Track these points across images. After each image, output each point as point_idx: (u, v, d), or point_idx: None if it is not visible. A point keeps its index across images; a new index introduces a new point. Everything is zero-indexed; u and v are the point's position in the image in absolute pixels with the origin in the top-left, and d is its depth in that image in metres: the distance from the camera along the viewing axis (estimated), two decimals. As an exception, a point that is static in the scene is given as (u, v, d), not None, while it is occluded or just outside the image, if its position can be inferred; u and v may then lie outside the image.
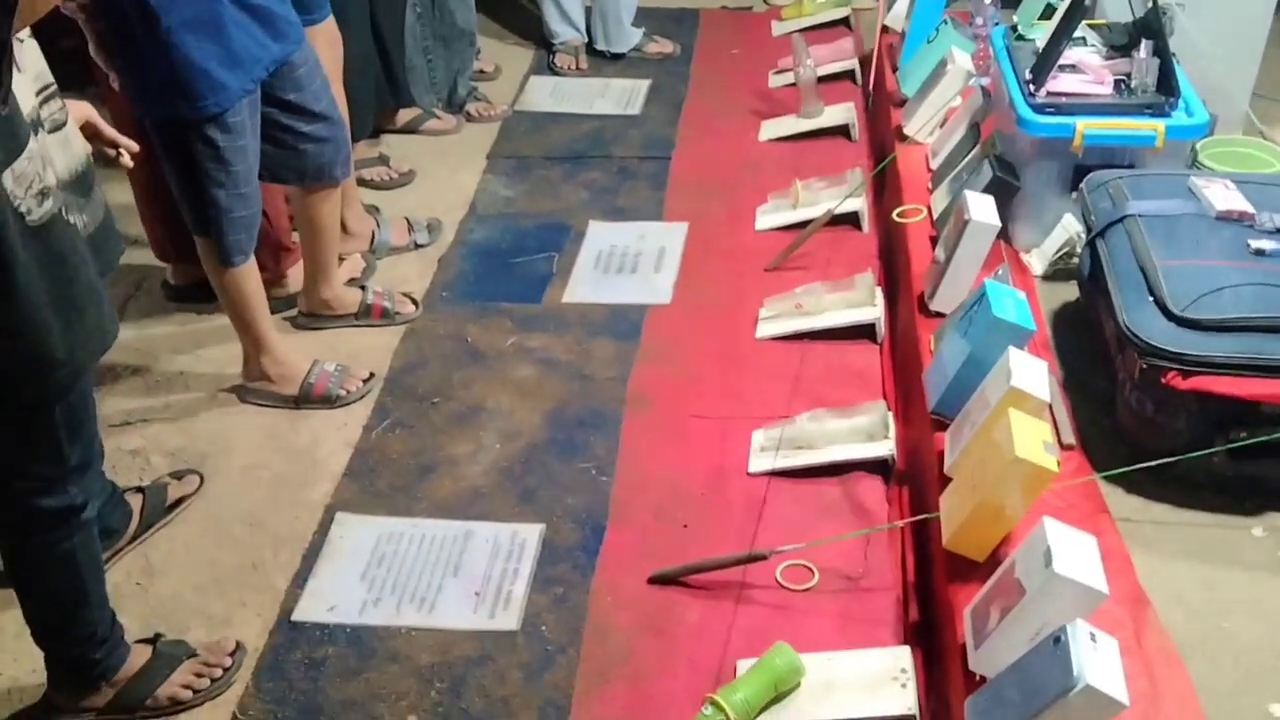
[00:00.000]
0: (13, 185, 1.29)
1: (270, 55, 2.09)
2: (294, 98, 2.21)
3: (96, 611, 1.66)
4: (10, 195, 1.28)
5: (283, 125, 2.23)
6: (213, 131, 2.04)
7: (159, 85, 1.94)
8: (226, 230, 2.16)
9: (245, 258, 2.22)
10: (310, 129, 2.27)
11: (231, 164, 2.09)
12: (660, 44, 3.85)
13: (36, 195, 1.32)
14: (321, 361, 2.41)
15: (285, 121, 2.23)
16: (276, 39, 2.09)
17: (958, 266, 2.19)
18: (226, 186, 2.11)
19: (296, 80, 2.19)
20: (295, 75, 2.19)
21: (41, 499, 1.52)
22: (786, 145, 3.26)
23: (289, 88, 2.19)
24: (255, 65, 2.06)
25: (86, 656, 1.67)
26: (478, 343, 2.55)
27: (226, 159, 2.08)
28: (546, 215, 3.03)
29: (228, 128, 2.05)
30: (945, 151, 2.68)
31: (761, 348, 2.46)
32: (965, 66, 2.75)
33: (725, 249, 2.85)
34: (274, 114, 2.19)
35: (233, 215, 2.15)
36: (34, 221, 1.32)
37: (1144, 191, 2.12)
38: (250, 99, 2.09)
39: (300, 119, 2.24)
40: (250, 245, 2.23)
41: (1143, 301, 1.89)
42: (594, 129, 3.45)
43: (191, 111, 1.99)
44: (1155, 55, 2.32)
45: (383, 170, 3.18)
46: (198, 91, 1.98)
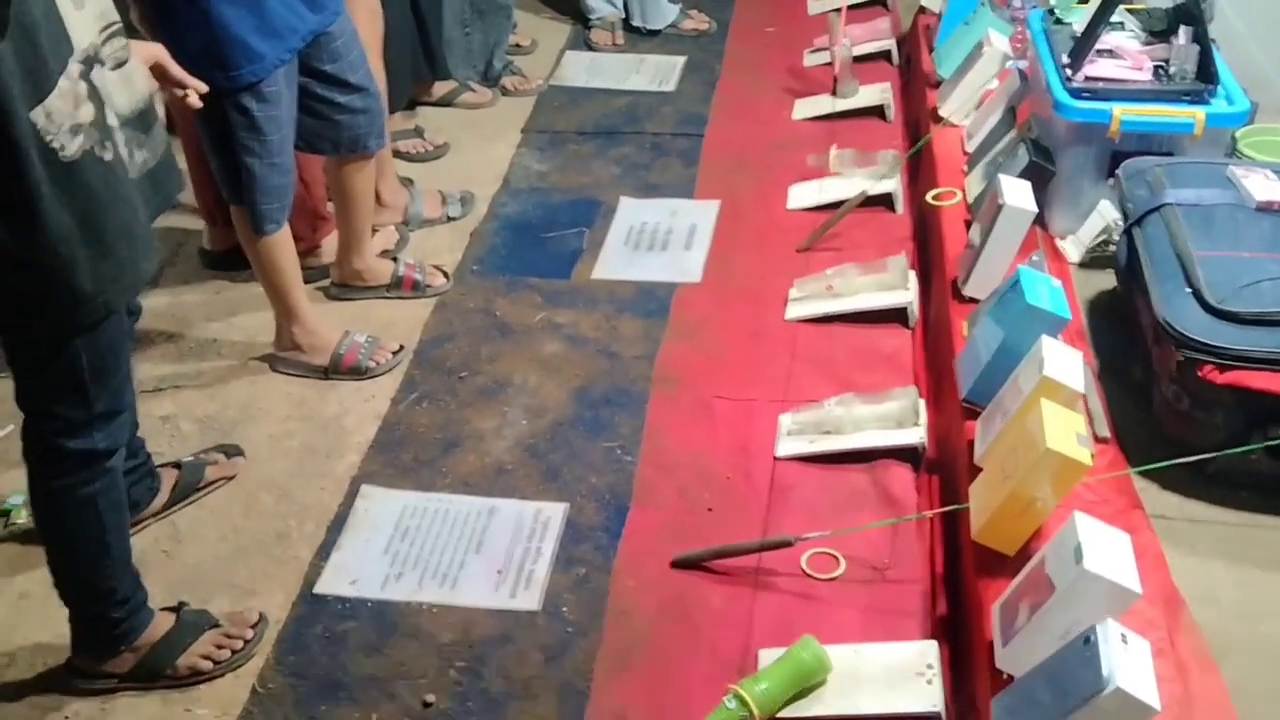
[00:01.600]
0: (44, 122, 1.30)
1: (308, 26, 2.08)
2: (331, 68, 2.21)
3: (118, 567, 1.67)
4: (42, 131, 1.30)
5: (319, 96, 2.23)
6: (248, 101, 2.04)
7: (196, 54, 1.95)
8: (259, 199, 2.17)
9: (278, 226, 2.23)
10: (346, 100, 2.27)
11: (266, 133, 2.09)
12: (696, 20, 3.81)
13: (70, 131, 1.33)
14: (352, 333, 2.42)
15: (321, 92, 2.23)
16: (315, 9, 2.09)
17: (992, 252, 2.17)
18: (260, 156, 2.11)
19: (334, 51, 2.19)
20: (333, 46, 2.19)
21: (65, 440, 1.54)
22: (820, 124, 3.23)
23: (326, 58, 2.19)
24: (292, 36, 2.06)
25: (107, 615, 1.69)
26: (506, 317, 2.56)
27: (261, 128, 2.08)
28: (578, 190, 3.03)
29: (263, 97, 2.05)
30: (981, 134, 2.65)
31: (791, 329, 2.45)
32: (1002, 49, 2.71)
33: (757, 228, 2.83)
34: (310, 84, 2.20)
35: (266, 184, 2.15)
36: (66, 157, 1.33)
37: (1182, 180, 2.08)
38: (287, 69, 2.09)
39: (337, 90, 2.24)
40: (283, 215, 2.24)
41: (1180, 292, 1.86)
42: (628, 105, 3.43)
43: (227, 81, 1.99)
44: (1195, 41, 2.27)
45: (417, 142, 3.18)
46: (234, 61, 1.99)
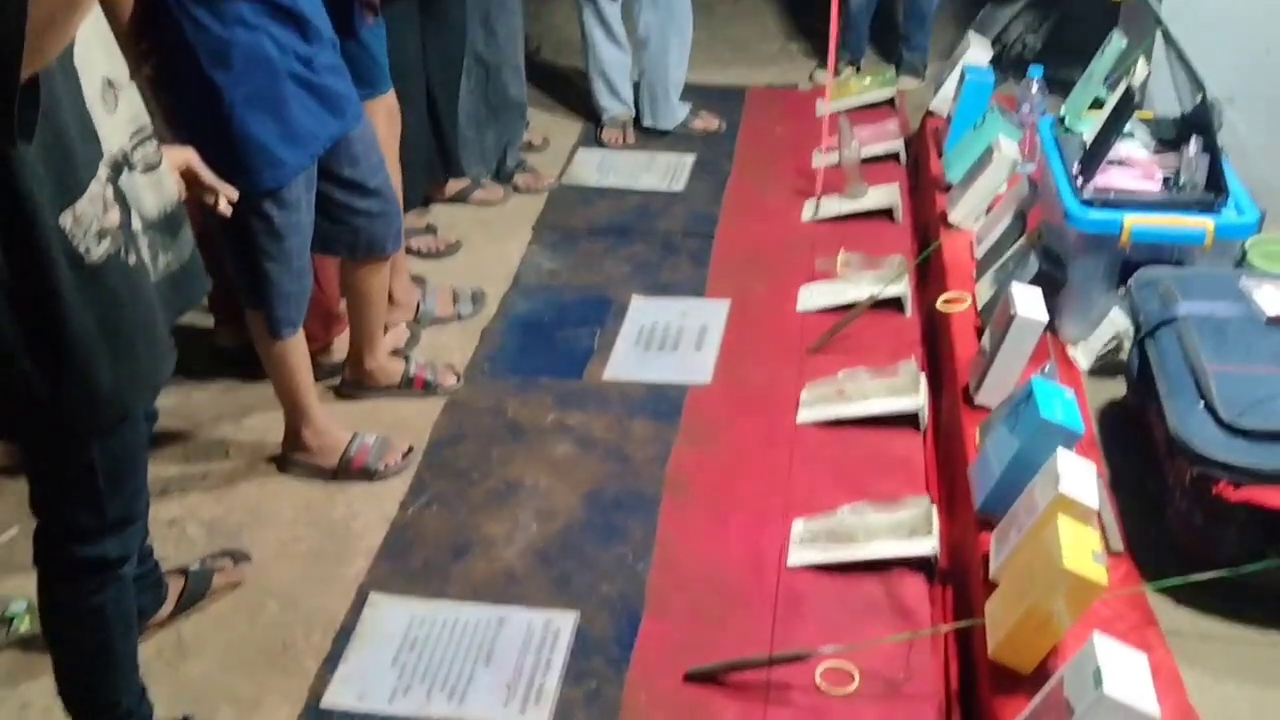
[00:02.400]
0: (71, 225, 1.32)
1: (329, 132, 2.12)
2: (349, 173, 2.24)
3: (124, 679, 1.65)
4: (69, 235, 1.31)
5: (337, 200, 2.26)
6: (269, 206, 2.07)
7: (219, 159, 1.97)
8: (277, 303, 2.19)
9: (294, 330, 2.25)
10: (364, 204, 2.30)
11: (285, 238, 2.12)
12: (706, 120, 3.88)
13: (95, 235, 1.35)
14: (362, 434, 2.42)
15: (339, 197, 2.26)
16: (336, 116, 2.12)
17: (1004, 360, 2.18)
18: (279, 260, 2.14)
19: (353, 156, 2.23)
20: (352, 151, 2.22)
21: (76, 546, 1.52)
22: (830, 225, 3.26)
23: (345, 163, 2.22)
24: (314, 142, 2.09)
25: None
26: (517, 418, 2.56)
27: (281, 233, 2.11)
28: (589, 288, 3.05)
29: (284, 203, 2.08)
30: (990, 240, 2.68)
31: (803, 433, 2.45)
32: (1011, 155, 2.75)
33: (767, 329, 2.84)
34: (329, 188, 2.23)
35: (284, 289, 2.17)
36: (91, 261, 1.35)
37: (1194, 291, 2.09)
38: (307, 174, 2.13)
39: (354, 194, 2.27)
40: (300, 318, 2.25)
41: (1193, 407, 1.86)
42: (639, 203, 3.48)
43: (249, 186, 2.01)
44: (1204, 152, 2.30)
45: (430, 240, 3.22)
46: (256, 167, 2.02)
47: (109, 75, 1.40)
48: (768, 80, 4.27)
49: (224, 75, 1.93)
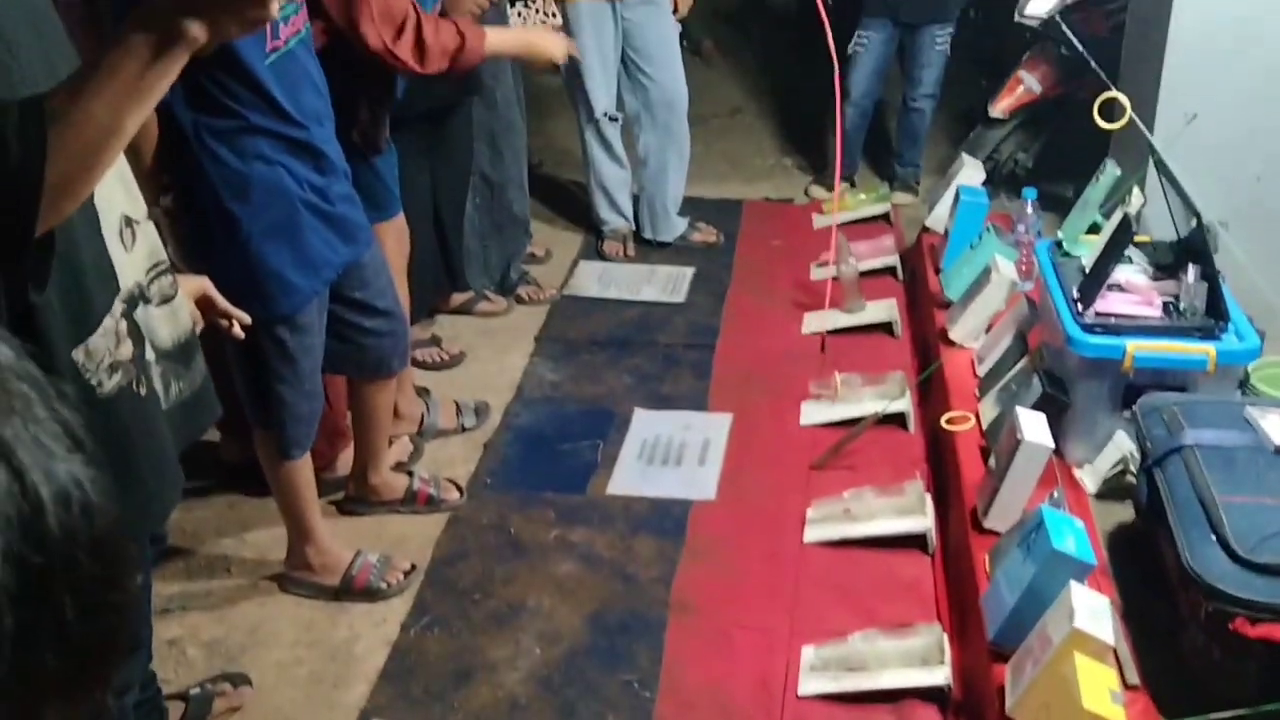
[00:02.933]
0: (84, 360, 1.31)
1: (341, 258, 2.15)
2: (359, 295, 2.26)
3: None
4: (81, 369, 1.31)
5: (346, 321, 2.28)
6: (282, 331, 2.08)
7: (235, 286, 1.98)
8: (288, 425, 2.18)
9: (303, 451, 2.24)
10: (372, 324, 2.32)
11: (298, 361, 2.13)
12: (704, 232, 3.94)
13: (108, 369, 1.35)
14: (364, 552, 2.40)
15: (349, 318, 2.27)
16: (348, 242, 2.15)
17: (1011, 485, 2.18)
18: (291, 383, 2.14)
19: (363, 279, 2.25)
20: (362, 274, 2.24)
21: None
22: (830, 338, 3.29)
23: (355, 286, 2.25)
24: (327, 268, 2.12)
25: None
26: (520, 534, 2.53)
27: (294, 357, 2.12)
28: (592, 400, 3.06)
29: (297, 327, 2.10)
30: (992, 359, 2.70)
31: (809, 553, 2.43)
32: (1010, 276, 2.80)
33: (770, 443, 2.84)
34: (339, 310, 2.24)
35: (296, 411, 2.17)
36: (102, 394, 1.34)
37: (1199, 419, 2.11)
38: (319, 299, 2.15)
39: (364, 315, 2.29)
40: (309, 440, 2.25)
41: (1205, 540, 1.85)
42: (640, 315, 3.51)
43: (264, 313, 2.03)
44: (1203, 279, 2.35)
45: (434, 351, 3.24)
46: (271, 293, 2.04)
47: (128, 213, 1.42)
48: (764, 194, 4.35)
49: (242, 207, 1.96)
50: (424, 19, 2.27)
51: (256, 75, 1.87)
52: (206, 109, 1.87)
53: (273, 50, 1.90)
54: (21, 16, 1.20)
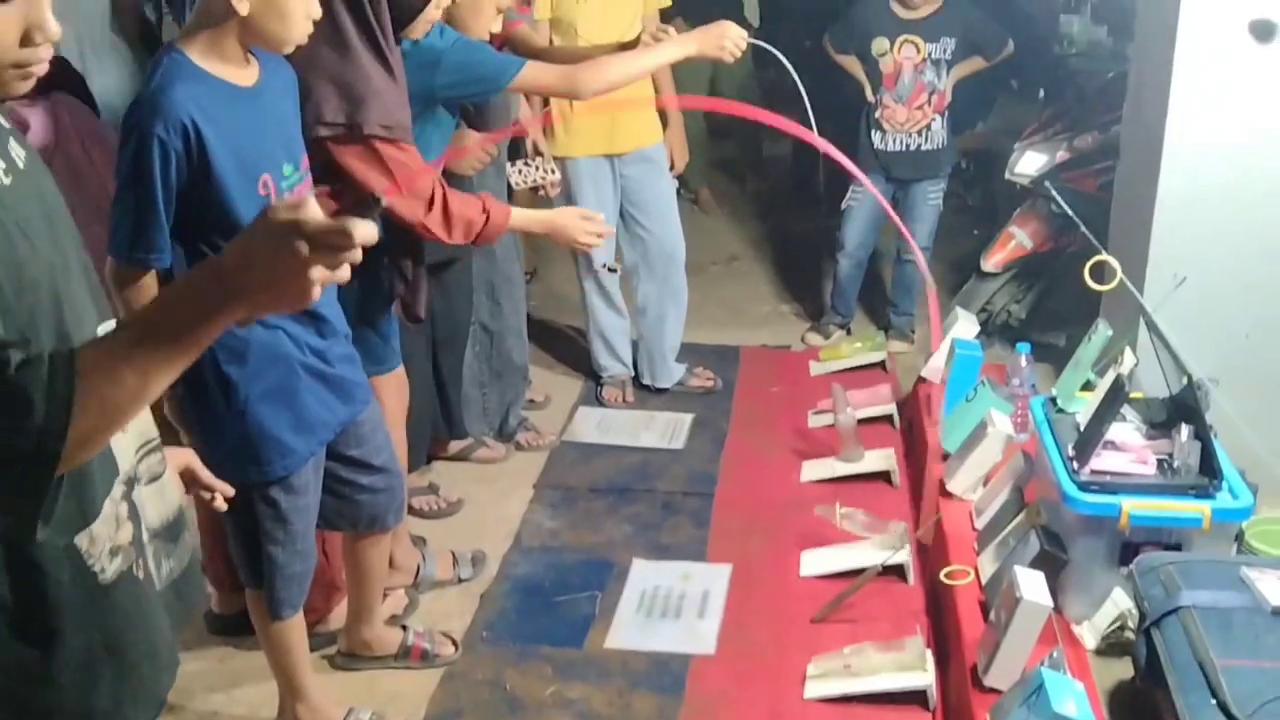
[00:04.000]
0: (88, 546, 1.29)
1: (339, 418, 2.15)
2: (356, 453, 2.26)
3: None
4: (85, 556, 1.29)
5: (342, 479, 2.27)
6: (277, 493, 2.08)
7: (230, 449, 1.99)
8: (279, 585, 2.16)
9: (295, 611, 2.22)
10: (369, 481, 2.31)
11: (291, 523, 2.12)
12: (701, 378, 3.99)
13: (109, 553, 1.33)
14: (357, 710, 2.36)
15: (345, 475, 2.27)
16: (346, 402, 2.16)
17: (1011, 644, 2.16)
18: (284, 544, 2.13)
19: (360, 436, 2.25)
20: (360, 432, 2.25)
21: None
22: (828, 487, 3.30)
23: (352, 444, 2.24)
24: (324, 429, 2.12)
25: None
26: (516, 690, 2.50)
27: (287, 518, 2.11)
28: (590, 550, 3.05)
29: (292, 489, 2.09)
30: (990, 513, 2.71)
31: (810, 709, 2.40)
32: (1005, 430, 2.83)
33: (770, 595, 2.83)
34: (335, 468, 2.24)
35: (289, 571, 2.16)
36: (105, 580, 1.32)
37: (1196, 580, 2.11)
38: (315, 458, 2.15)
39: (360, 472, 2.29)
40: (301, 599, 2.23)
41: (1205, 705, 1.83)
42: (639, 462, 3.53)
43: (259, 476, 2.03)
44: (1195, 438, 2.38)
45: (431, 499, 3.24)
46: (267, 456, 2.03)
47: None
48: (761, 340, 4.42)
49: (240, 371, 1.97)
50: (449, 192, 2.33)
51: None
52: None
53: None
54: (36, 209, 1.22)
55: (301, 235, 1.03)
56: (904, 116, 4.13)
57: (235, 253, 1.08)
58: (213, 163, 1.83)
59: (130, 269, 1.89)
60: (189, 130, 1.80)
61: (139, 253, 1.87)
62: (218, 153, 1.83)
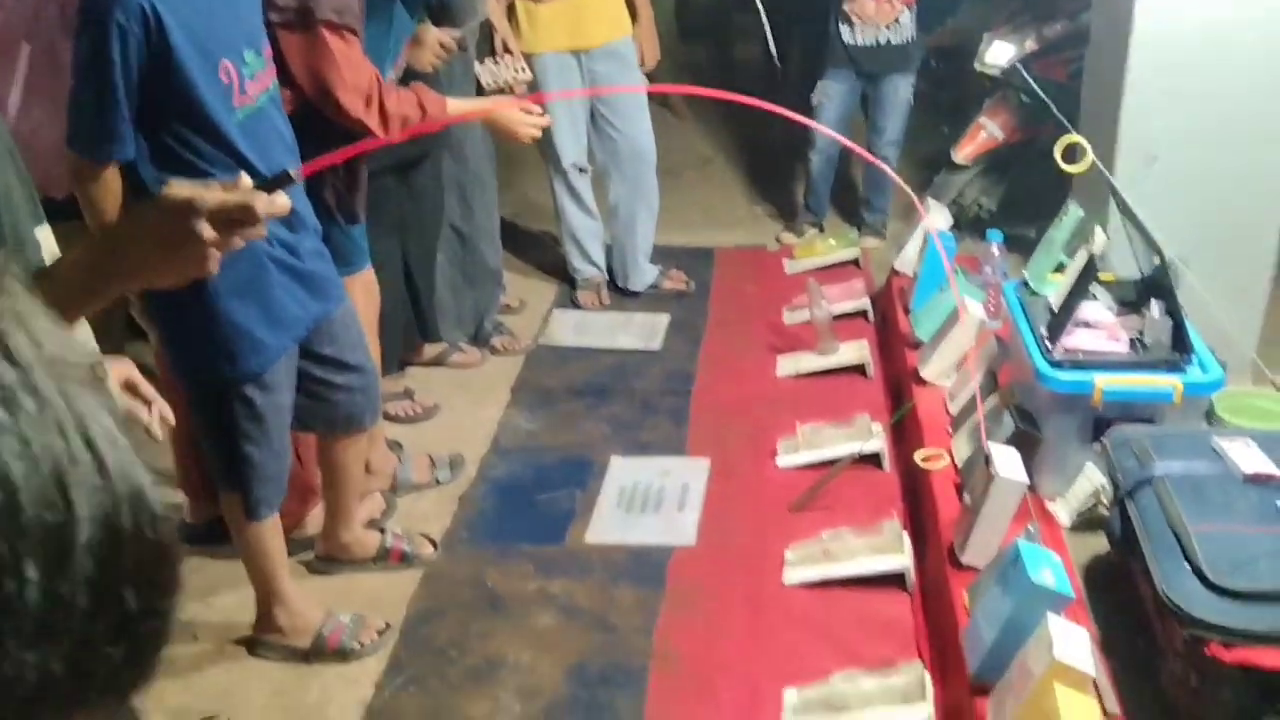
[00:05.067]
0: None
1: (311, 315, 2.12)
2: (330, 351, 2.24)
3: None
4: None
5: (315, 377, 2.25)
6: (251, 391, 2.05)
7: (201, 347, 1.97)
8: (256, 486, 2.15)
9: (271, 511, 2.21)
10: (343, 380, 2.29)
11: (266, 421, 2.10)
12: (675, 280, 3.96)
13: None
14: (336, 613, 2.36)
15: (319, 374, 2.25)
16: (318, 298, 2.13)
17: (987, 521, 2.18)
18: (260, 444, 2.11)
19: (333, 334, 2.23)
20: (333, 330, 2.22)
21: None
22: (804, 381, 3.31)
23: (325, 342, 2.22)
24: (296, 324, 2.09)
25: None
26: (498, 588, 2.51)
27: (262, 416, 2.09)
28: (569, 450, 3.05)
29: (266, 386, 2.07)
30: (964, 397, 2.72)
31: (789, 595, 2.42)
32: (978, 315, 2.83)
33: (749, 486, 2.84)
34: (308, 367, 2.22)
35: (265, 471, 2.14)
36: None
37: (1169, 450, 2.13)
38: (288, 356, 2.12)
39: (335, 371, 2.27)
40: (278, 500, 2.21)
41: (1179, 569, 1.86)
42: (616, 363, 3.52)
43: (233, 372, 2.01)
44: (1167, 314, 2.38)
45: (407, 405, 3.22)
46: (239, 352, 2.01)
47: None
48: (736, 241, 4.39)
49: None
50: (385, 88, 2.28)
51: (225, 133, 1.87)
52: (172, 167, 1.84)
53: (241, 106, 1.90)
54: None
55: (199, 215, 1.01)
56: (873, 9, 4.05)
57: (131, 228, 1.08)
58: (173, 47, 1.77)
59: (91, 162, 1.83)
60: (147, 14, 1.73)
61: (101, 144, 1.81)
62: (177, 37, 1.77)
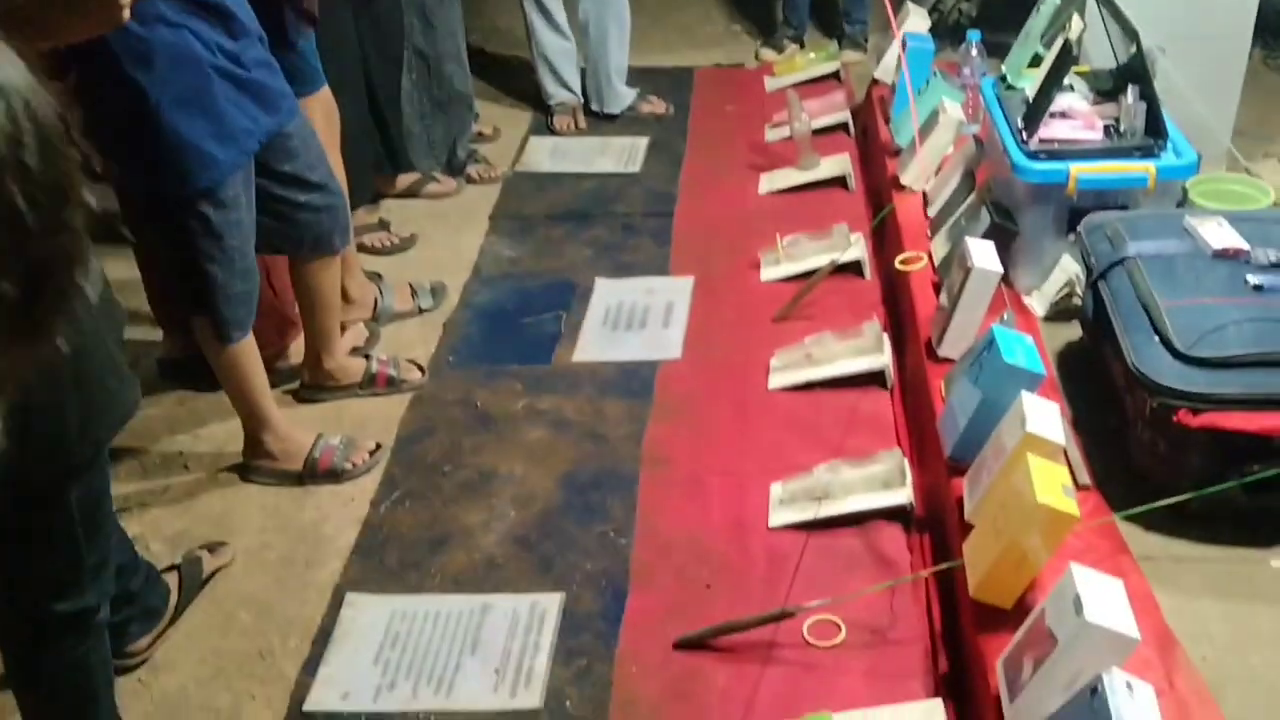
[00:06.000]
0: None
1: (262, 128, 2.07)
2: (288, 168, 2.20)
3: (105, 717, 1.61)
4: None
5: (278, 196, 2.21)
6: (205, 207, 2.01)
7: (150, 163, 1.91)
8: (223, 306, 2.13)
9: (244, 333, 2.19)
10: (306, 198, 2.26)
11: (225, 238, 2.06)
12: (653, 104, 3.89)
13: None
14: (326, 435, 2.39)
15: (280, 193, 2.21)
16: (269, 111, 2.07)
17: (963, 313, 2.21)
18: (220, 262, 2.08)
19: (291, 150, 2.18)
20: (289, 146, 2.17)
21: (54, 604, 1.46)
22: (786, 197, 3.30)
23: (283, 158, 2.18)
24: (248, 138, 2.03)
25: None
26: (487, 407, 2.55)
27: (220, 234, 2.05)
28: (551, 274, 3.05)
29: (221, 202, 2.02)
30: (942, 199, 2.72)
31: (774, 399, 2.47)
32: (957, 116, 2.79)
33: (732, 301, 2.86)
34: (269, 186, 2.18)
35: (230, 290, 2.12)
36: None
37: (1141, 232, 2.14)
38: (244, 172, 2.07)
39: (296, 189, 2.23)
40: (249, 320, 2.20)
41: (1149, 342, 1.90)
42: (595, 187, 3.48)
43: (184, 188, 1.96)
44: (1142, 99, 2.36)
45: (383, 236, 3.20)
46: (189, 168, 1.96)
47: None
48: (714, 61, 4.29)
49: (148, 76, 1.86)
50: None
51: None
52: None
53: None
54: None
55: None
56: None
57: None
58: None
59: None
60: None
61: None
62: None
